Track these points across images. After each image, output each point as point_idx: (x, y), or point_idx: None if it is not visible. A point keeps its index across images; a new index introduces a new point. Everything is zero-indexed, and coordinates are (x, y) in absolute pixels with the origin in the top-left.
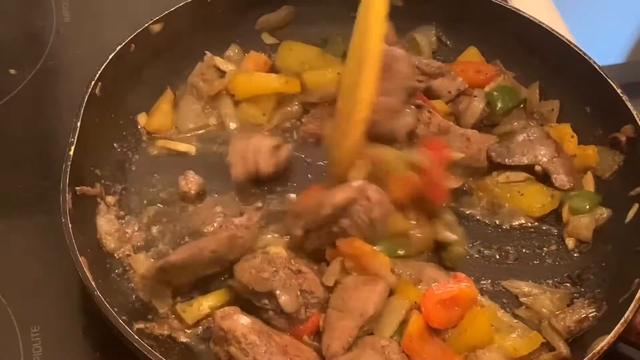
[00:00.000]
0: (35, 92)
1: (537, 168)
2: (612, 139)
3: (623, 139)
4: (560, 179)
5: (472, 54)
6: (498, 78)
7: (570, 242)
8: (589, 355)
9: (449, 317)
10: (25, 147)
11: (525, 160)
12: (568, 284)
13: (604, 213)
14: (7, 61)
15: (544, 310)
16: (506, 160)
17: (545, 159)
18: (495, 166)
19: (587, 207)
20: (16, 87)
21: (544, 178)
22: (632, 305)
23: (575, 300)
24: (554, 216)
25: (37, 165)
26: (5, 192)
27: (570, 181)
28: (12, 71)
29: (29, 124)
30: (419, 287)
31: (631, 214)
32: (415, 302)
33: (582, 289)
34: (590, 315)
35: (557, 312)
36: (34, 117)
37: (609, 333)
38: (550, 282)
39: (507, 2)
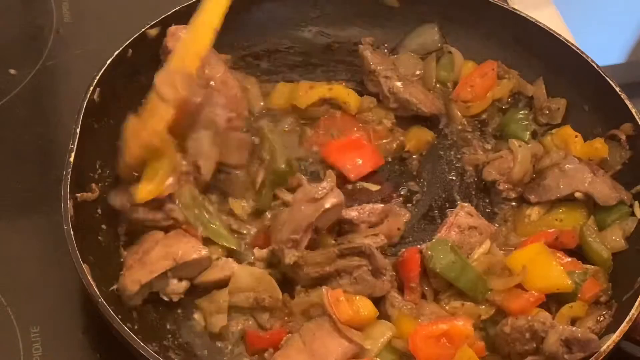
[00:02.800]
0: (35, 92)
1: (578, 195)
2: (610, 135)
3: (623, 137)
4: (605, 196)
5: (468, 67)
6: (504, 80)
7: None
8: (595, 355)
9: (438, 353)
10: (25, 147)
11: (565, 192)
12: None
13: (629, 221)
14: (7, 61)
15: None
16: (544, 197)
17: (585, 185)
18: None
19: (616, 220)
20: (16, 87)
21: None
22: (636, 304)
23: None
24: None
25: (37, 165)
26: (5, 192)
27: (615, 196)
28: (12, 71)
29: (29, 124)
30: (419, 320)
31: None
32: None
33: None
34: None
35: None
36: (34, 117)
37: (614, 332)
38: None
39: (506, 2)
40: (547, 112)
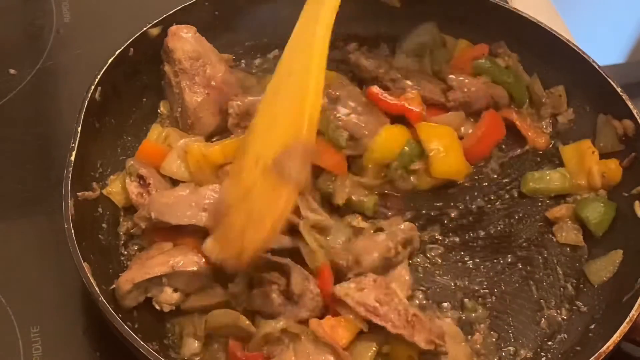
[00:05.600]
0: (35, 92)
1: None
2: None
3: (621, 131)
4: None
5: (462, 48)
6: (501, 60)
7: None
8: (595, 355)
9: None
10: (25, 147)
11: None
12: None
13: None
14: (7, 61)
15: None
16: None
17: None
18: None
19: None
20: (16, 87)
21: None
22: (636, 305)
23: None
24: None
25: (37, 165)
26: (5, 192)
27: None
28: (12, 71)
29: (29, 123)
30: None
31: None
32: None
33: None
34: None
35: None
36: (34, 117)
37: (614, 332)
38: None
39: (507, 2)
40: (549, 100)
